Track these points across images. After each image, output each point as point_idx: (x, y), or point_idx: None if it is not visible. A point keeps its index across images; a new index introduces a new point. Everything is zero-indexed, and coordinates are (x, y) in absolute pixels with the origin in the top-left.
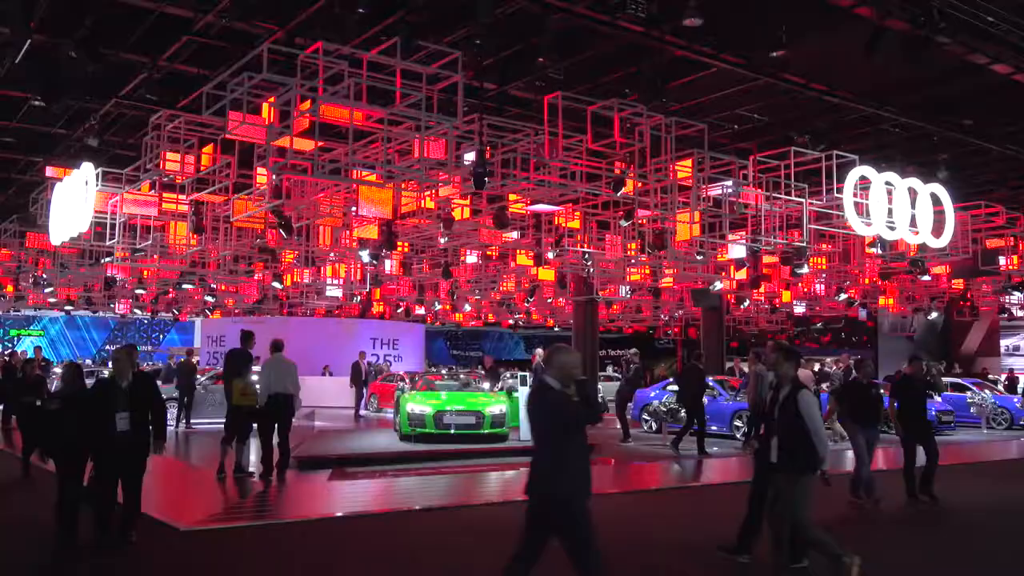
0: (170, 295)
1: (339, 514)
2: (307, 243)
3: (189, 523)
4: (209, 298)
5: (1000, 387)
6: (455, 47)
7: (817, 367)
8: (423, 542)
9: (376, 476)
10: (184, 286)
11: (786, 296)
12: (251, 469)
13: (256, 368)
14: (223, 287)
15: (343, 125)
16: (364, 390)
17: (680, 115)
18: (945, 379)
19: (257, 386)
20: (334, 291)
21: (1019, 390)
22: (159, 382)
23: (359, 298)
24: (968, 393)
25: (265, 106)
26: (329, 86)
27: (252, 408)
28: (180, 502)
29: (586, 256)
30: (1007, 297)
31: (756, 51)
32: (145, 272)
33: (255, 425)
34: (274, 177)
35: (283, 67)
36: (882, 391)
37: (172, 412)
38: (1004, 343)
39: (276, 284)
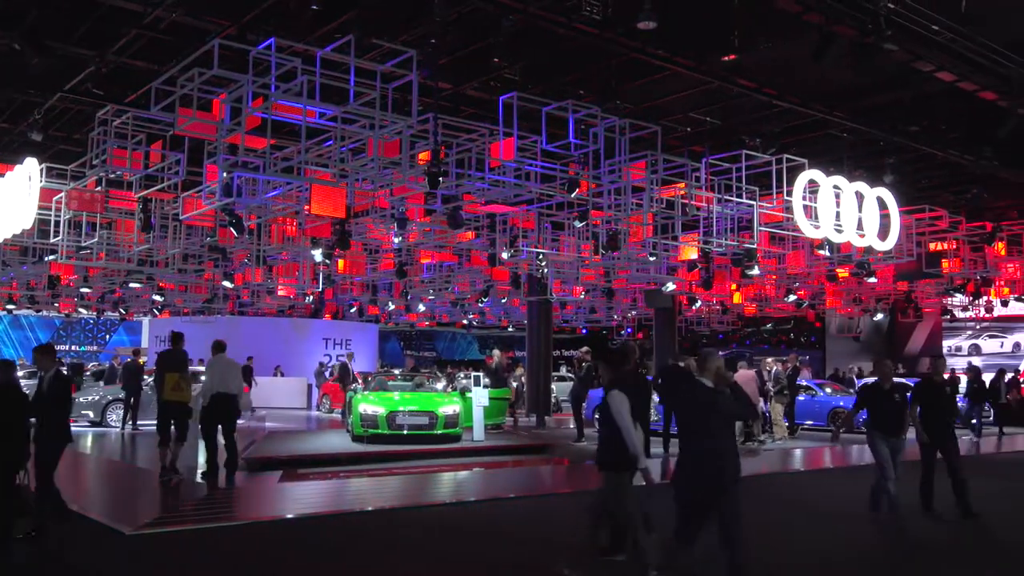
0: (116, 294)
1: (290, 516)
2: (258, 242)
3: (135, 527)
4: (157, 297)
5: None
6: (410, 46)
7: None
8: (376, 543)
9: (328, 477)
10: (131, 285)
11: (736, 297)
12: (178, 469)
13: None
14: (172, 286)
15: (295, 123)
16: None
17: (634, 117)
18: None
19: (194, 384)
20: (285, 290)
21: (960, 390)
22: (101, 382)
23: (311, 298)
24: (911, 393)
25: (216, 102)
26: (281, 83)
27: (182, 406)
28: (125, 505)
29: (540, 257)
30: (949, 299)
31: (709, 55)
32: (90, 271)
33: (199, 426)
34: (225, 175)
35: (235, 63)
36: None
37: (118, 413)
38: (946, 344)
39: (226, 283)
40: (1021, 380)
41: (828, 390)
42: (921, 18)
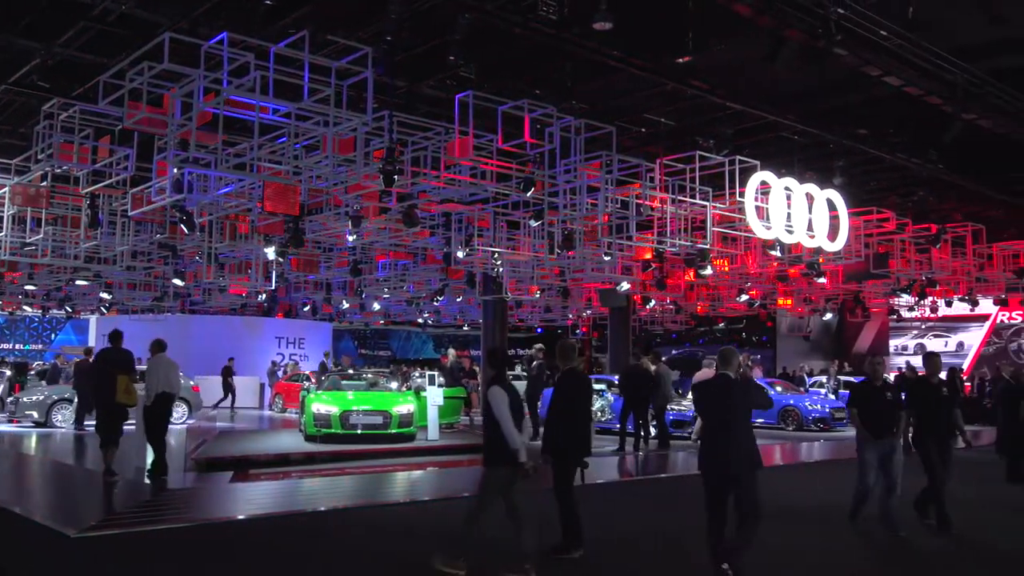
0: (63, 292)
1: (241, 517)
2: (210, 239)
3: (80, 529)
4: (105, 295)
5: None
6: (365, 43)
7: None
8: (328, 544)
9: (280, 477)
10: (78, 282)
11: (690, 297)
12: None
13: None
14: (120, 284)
15: (248, 119)
16: None
17: (589, 117)
18: (842, 377)
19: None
20: (237, 289)
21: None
22: (43, 382)
23: (264, 296)
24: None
25: (166, 97)
26: (234, 78)
27: (126, 408)
28: (70, 507)
29: (495, 256)
30: (896, 299)
31: (663, 56)
32: (35, 268)
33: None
34: (175, 171)
35: (186, 57)
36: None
37: (64, 414)
38: (893, 343)
39: (177, 281)
40: (965, 379)
41: (779, 389)
42: (870, 24)
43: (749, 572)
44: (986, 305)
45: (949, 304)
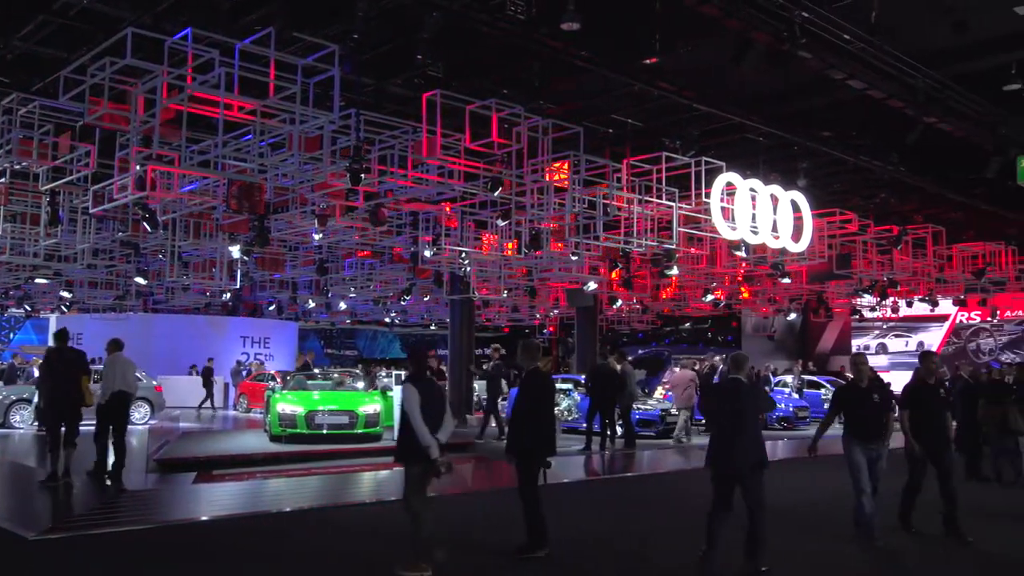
0: (22, 290)
1: (204, 518)
2: (173, 237)
3: (39, 531)
4: (65, 293)
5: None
6: (332, 40)
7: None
8: (293, 544)
9: (244, 478)
10: (37, 281)
11: (656, 297)
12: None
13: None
14: (81, 282)
15: (213, 116)
16: None
17: (557, 118)
18: (806, 376)
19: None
20: (201, 287)
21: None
22: (1, 382)
23: (228, 295)
24: (823, 390)
25: (130, 92)
26: (198, 75)
27: (80, 408)
28: (29, 509)
29: (463, 255)
30: (858, 299)
31: (631, 58)
32: None
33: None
34: (138, 168)
35: (149, 53)
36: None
37: (23, 414)
38: (855, 343)
39: (139, 280)
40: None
41: None
42: (834, 28)
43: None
44: (946, 306)
45: (910, 304)
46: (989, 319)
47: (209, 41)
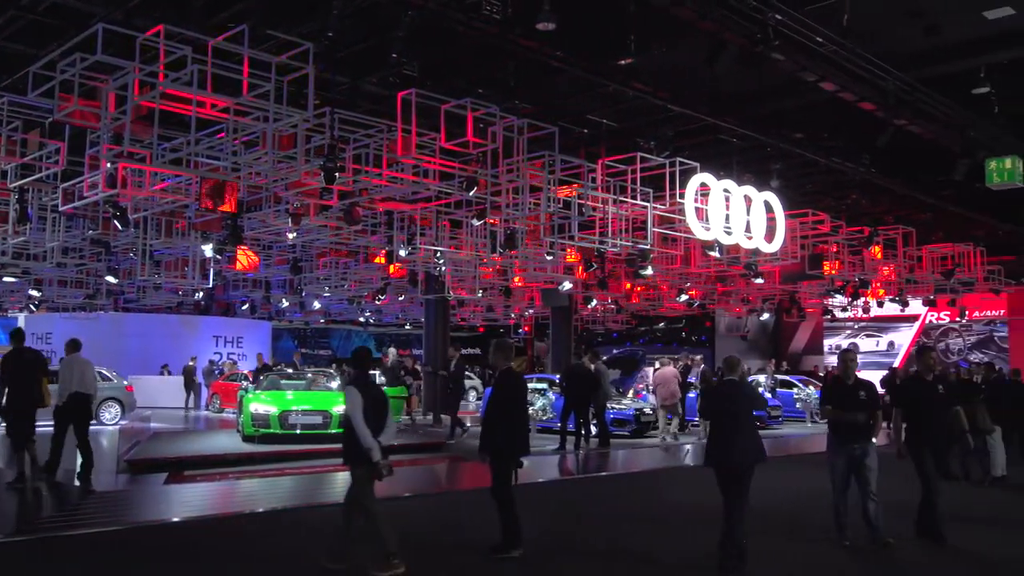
0: None
1: (175, 519)
2: (145, 235)
3: (5, 534)
4: (34, 292)
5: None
6: (306, 38)
7: (657, 364)
8: (266, 545)
9: (217, 479)
10: (5, 279)
11: (630, 297)
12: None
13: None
14: (51, 281)
15: (185, 113)
16: None
17: (532, 117)
18: (779, 376)
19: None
20: (174, 286)
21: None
22: None
23: (201, 294)
24: (795, 389)
25: (100, 88)
26: (171, 72)
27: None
28: None
29: (438, 255)
30: (830, 300)
31: (605, 58)
32: None
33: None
34: (109, 165)
35: (120, 49)
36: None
37: None
38: (827, 342)
39: (110, 278)
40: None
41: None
42: (807, 30)
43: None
44: (916, 306)
45: (881, 305)
46: (958, 319)
47: (181, 38)
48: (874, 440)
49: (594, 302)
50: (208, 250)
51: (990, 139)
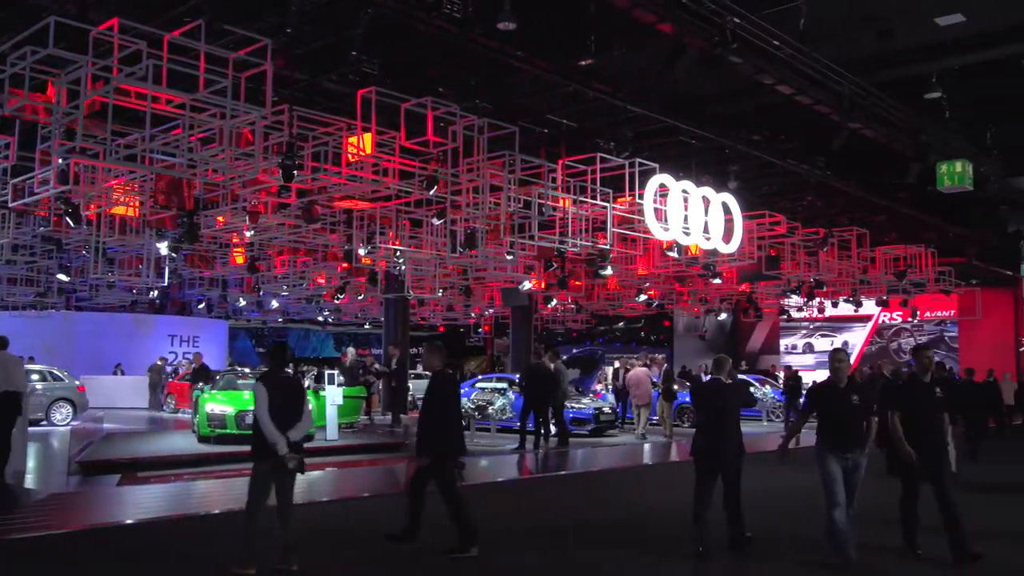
0: None
1: (129, 521)
2: (98, 233)
3: None
4: None
5: (780, 383)
6: (264, 34)
7: (629, 365)
8: (222, 547)
9: (171, 480)
10: None
11: (590, 297)
12: None
13: None
14: (0, 279)
15: (140, 109)
16: None
17: (493, 117)
18: (736, 375)
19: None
20: (128, 284)
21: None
22: None
23: (155, 293)
24: (752, 389)
25: (51, 83)
26: (125, 66)
27: None
28: None
29: (398, 254)
30: (786, 300)
31: (566, 58)
32: None
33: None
34: (60, 161)
35: (73, 43)
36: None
37: None
38: (783, 342)
39: (61, 276)
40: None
41: (675, 387)
42: (764, 34)
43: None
44: (869, 306)
45: (835, 305)
46: (910, 319)
47: (136, 32)
48: (867, 451)
49: (554, 302)
50: (163, 248)
51: (941, 143)
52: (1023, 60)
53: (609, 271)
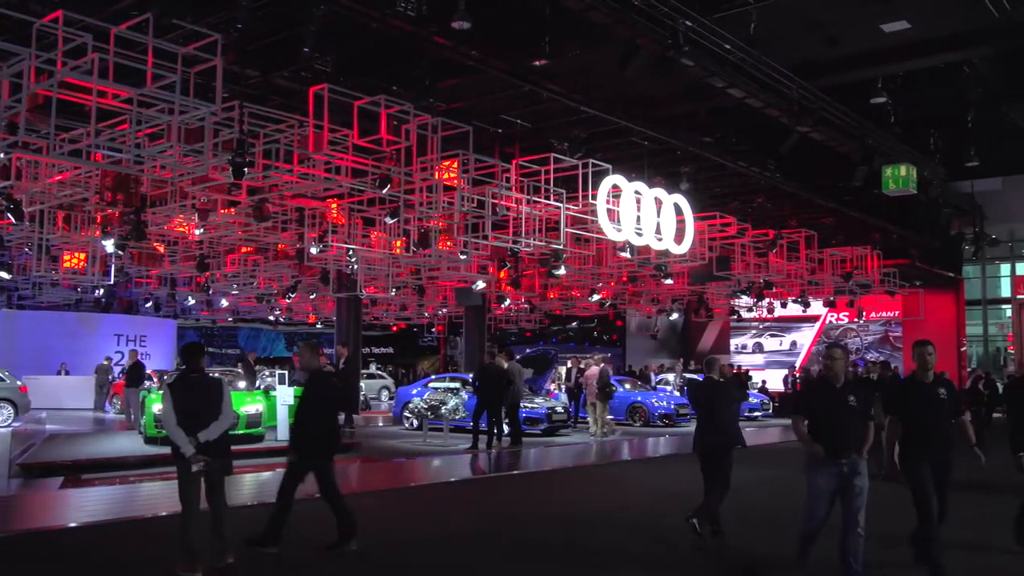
0: None
1: (72, 524)
2: (41, 229)
3: None
4: None
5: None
6: (215, 29)
7: (570, 364)
8: (169, 550)
9: (116, 482)
10: None
11: (543, 296)
12: None
13: None
14: None
15: (86, 103)
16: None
17: (447, 116)
18: (687, 375)
19: None
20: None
21: (750, 385)
22: None
23: (101, 291)
24: None
25: None
26: (70, 60)
27: None
28: None
29: (350, 252)
30: (736, 300)
31: (520, 59)
32: None
33: None
34: (2, 155)
35: (16, 35)
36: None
37: None
38: (733, 342)
39: (2, 274)
40: (798, 376)
41: (627, 386)
42: (716, 37)
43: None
44: (817, 307)
45: (784, 305)
46: (856, 320)
47: (82, 25)
48: (863, 456)
49: (507, 301)
50: (109, 245)
51: (886, 147)
52: (964, 67)
53: (563, 271)
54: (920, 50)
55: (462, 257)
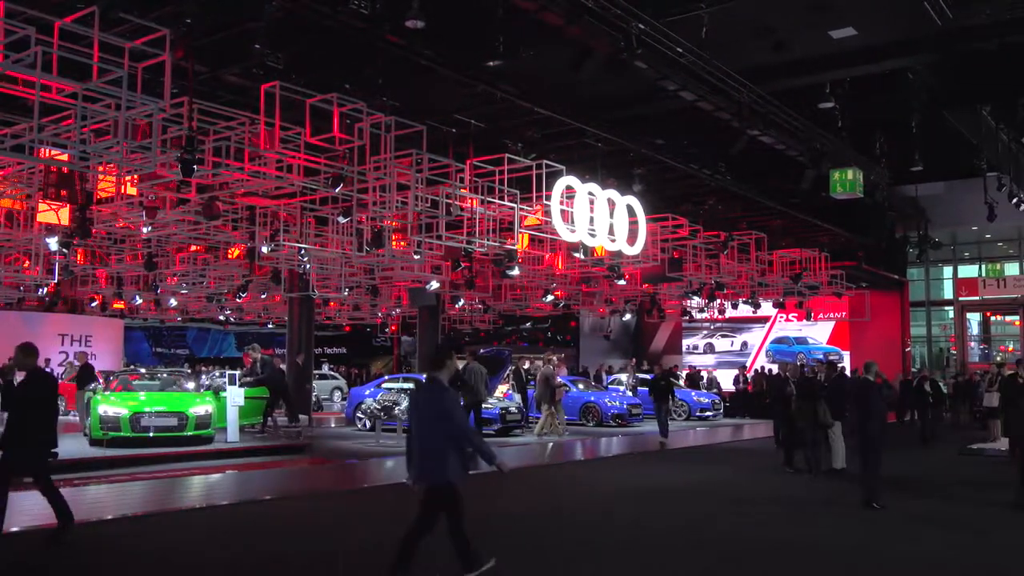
0: None
1: (15, 528)
2: None
3: None
4: None
5: (681, 382)
6: (163, 23)
7: (527, 365)
8: (114, 556)
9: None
10: None
11: (496, 296)
12: None
13: None
14: None
15: (28, 97)
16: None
17: (400, 115)
18: (639, 375)
19: None
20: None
21: (701, 385)
22: None
23: (45, 290)
24: None
25: None
26: (11, 52)
27: None
28: None
29: (302, 252)
30: (688, 301)
31: (474, 59)
32: None
33: None
34: None
35: None
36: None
37: None
38: (685, 342)
39: None
40: (749, 375)
41: (580, 386)
42: (668, 40)
43: None
44: (767, 308)
45: (735, 306)
46: (805, 320)
47: (25, 17)
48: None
49: (461, 302)
50: (53, 243)
51: (834, 151)
52: (909, 73)
53: (516, 271)
54: (866, 56)
55: (416, 257)
